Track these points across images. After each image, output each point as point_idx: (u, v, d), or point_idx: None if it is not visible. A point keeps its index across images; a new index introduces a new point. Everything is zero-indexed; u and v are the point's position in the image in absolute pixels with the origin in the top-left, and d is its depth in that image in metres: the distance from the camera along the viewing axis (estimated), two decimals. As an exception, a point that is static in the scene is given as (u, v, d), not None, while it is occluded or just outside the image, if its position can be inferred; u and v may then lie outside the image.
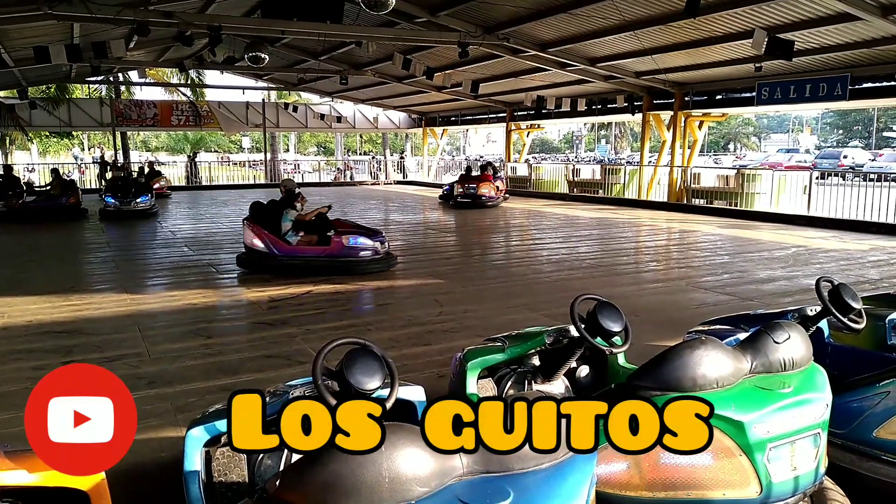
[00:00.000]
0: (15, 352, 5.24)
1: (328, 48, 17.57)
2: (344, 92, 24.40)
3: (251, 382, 4.48)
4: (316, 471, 1.57)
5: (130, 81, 26.39)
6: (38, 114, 23.57)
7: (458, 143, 59.28)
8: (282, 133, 36.20)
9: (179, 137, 46.28)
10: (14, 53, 14.47)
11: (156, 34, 12.29)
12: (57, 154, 44.87)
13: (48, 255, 10.32)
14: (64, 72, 20.28)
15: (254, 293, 7.35)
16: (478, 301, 6.88)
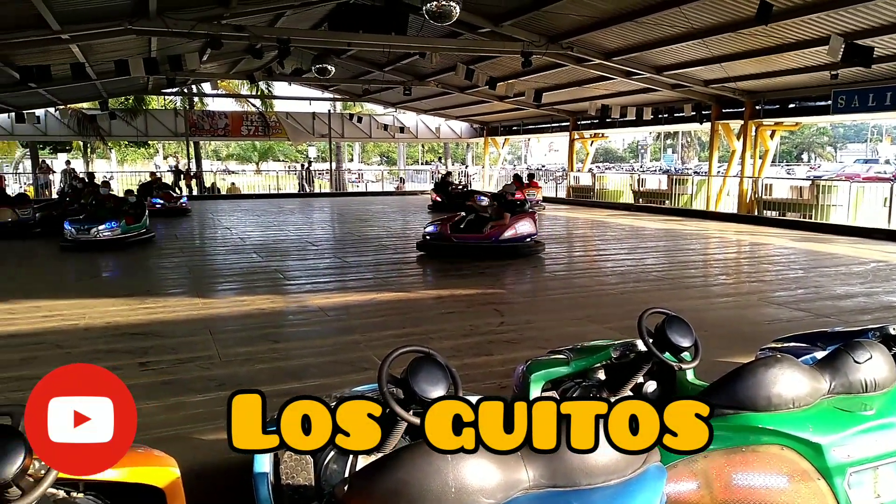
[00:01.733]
0: (95, 352, 5.49)
1: (392, 59, 17.84)
2: (407, 102, 24.71)
3: (317, 387, 4.56)
4: (383, 477, 1.59)
5: (203, 93, 27.42)
6: (117, 124, 24.78)
7: (520, 152, 59.06)
8: (346, 143, 36.87)
9: (248, 147, 47.84)
10: (97, 67, 15.26)
11: (228, 47, 12.76)
12: (133, 162, 46.99)
13: (123, 259, 10.78)
14: (141, 84, 21.25)
15: (319, 300, 7.49)
16: (539, 312, 6.83)
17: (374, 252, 11.25)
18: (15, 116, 21.39)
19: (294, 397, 1.56)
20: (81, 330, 6.20)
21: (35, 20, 10.30)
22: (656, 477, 1.80)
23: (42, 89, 17.71)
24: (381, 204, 22.26)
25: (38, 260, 10.94)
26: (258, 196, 26.65)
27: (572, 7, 12.00)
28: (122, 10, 10.98)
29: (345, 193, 28.13)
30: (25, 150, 32.88)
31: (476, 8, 12.74)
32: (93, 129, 24.71)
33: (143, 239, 12.38)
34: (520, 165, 46.58)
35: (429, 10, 9.79)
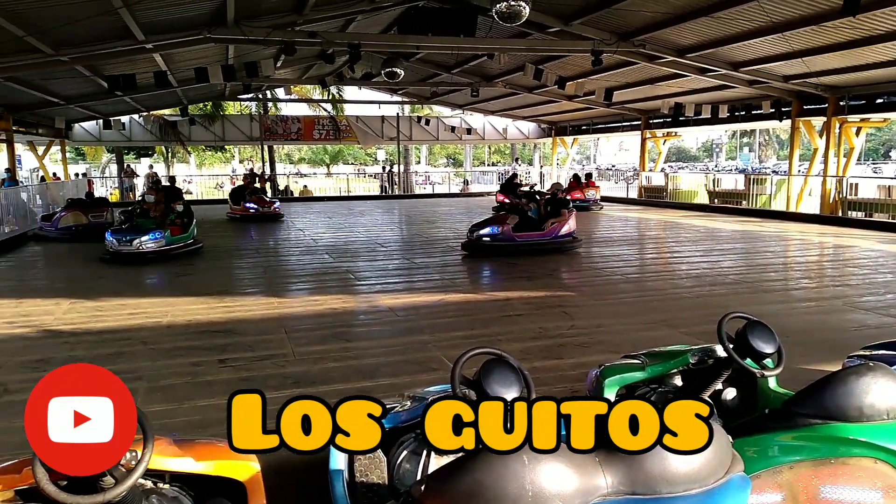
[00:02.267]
0: (177, 349, 5.73)
1: (460, 61, 17.90)
2: (475, 104, 24.73)
3: (388, 387, 4.62)
4: (460, 479, 1.60)
5: (277, 98, 28.23)
6: (196, 129, 25.82)
7: (589, 152, 58.20)
8: (414, 145, 37.25)
9: (319, 150, 48.95)
10: (178, 74, 15.93)
11: (300, 53, 13.10)
12: (211, 166, 48.80)
13: (202, 259, 11.20)
14: (219, 90, 22.05)
15: (389, 300, 7.59)
16: (611, 316, 6.71)
17: (441, 253, 11.31)
18: (103, 123, 22.56)
19: (294, 397, 1.56)
20: (164, 327, 6.48)
21: (122, 31, 10.85)
22: (740, 487, 1.74)
23: (127, 97, 18.62)
24: (447, 205, 22.36)
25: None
26: (330, 198, 27.20)
27: (645, 4, 11.74)
28: (202, 19, 11.43)
29: (412, 195, 28.40)
30: (111, 154, 34.70)
31: (545, 7, 12.62)
32: (174, 135, 25.82)
33: (191, 250, 11.43)
34: (588, 165, 45.88)
35: (498, 10, 9.76)
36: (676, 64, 14.86)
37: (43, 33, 10.00)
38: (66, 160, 24.70)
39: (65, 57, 11.45)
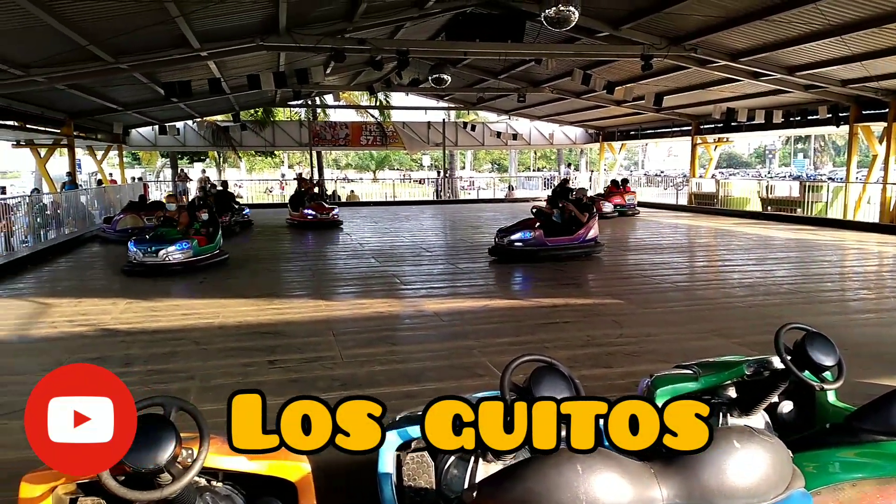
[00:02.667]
0: (228, 349, 5.85)
1: (507, 67, 17.87)
2: (521, 109, 24.66)
3: (433, 391, 4.63)
4: (512, 487, 1.58)
5: (326, 104, 28.66)
6: (247, 135, 26.39)
7: (636, 158, 57.42)
8: (459, 151, 37.32)
9: (366, 156, 49.50)
10: (230, 82, 16.32)
11: (349, 60, 13.27)
12: (261, 171, 49.81)
13: (253, 262, 11.42)
14: (269, 97, 22.50)
15: (434, 305, 7.60)
16: (661, 324, 6.58)
17: (485, 259, 11.28)
18: (158, 129, 23.25)
19: (293, 397, 1.55)
20: (216, 328, 6.63)
21: (178, 40, 11.17)
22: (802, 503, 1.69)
23: (182, 103, 19.14)
24: (491, 211, 22.31)
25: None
26: (377, 203, 27.46)
27: (697, 7, 11.53)
28: (254, 27, 11.69)
29: (457, 201, 28.44)
30: (165, 159, 35.70)
31: (594, 12, 12.51)
32: (226, 140, 26.46)
33: (217, 262, 10.67)
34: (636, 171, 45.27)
35: (547, 16, 9.72)
36: (729, 68, 14.54)
37: (104, 42, 10.37)
38: (123, 164, 25.54)
39: (124, 65, 11.84)
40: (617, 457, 1.64)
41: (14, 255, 11.31)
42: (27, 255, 11.51)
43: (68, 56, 10.71)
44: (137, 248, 10.07)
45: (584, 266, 10.48)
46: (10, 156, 31.08)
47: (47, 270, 10.82)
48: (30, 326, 6.83)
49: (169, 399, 2.06)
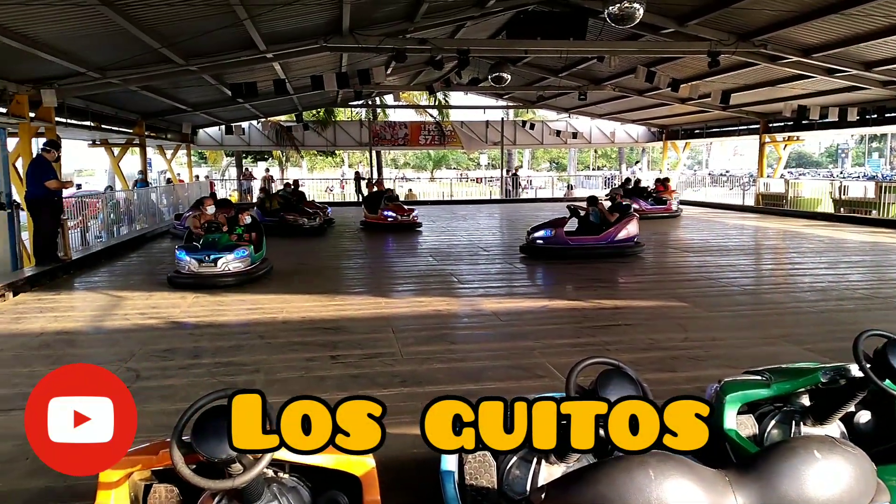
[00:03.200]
0: (292, 343, 5.97)
1: (568, 65, 17.66)
2: (581, 107, 24.35)
3: (494, 391, 4.62)
4: (582, 490, 1.56)
5: (385, 104, 28.96)
6: (309, 135, 26.92)
7: (700, 157, 55.95)
8: (517, 149, 37.14)
9: (423, 155, 49.82)
10: (294, 82, 16.66)
11: (410, 60, 13.33)
12: (322, 170, 50.73)
13: (315, 259, 11.64)
14: (331, 97, 22.86)
15: (492, 304, 7.58)
16: (727, 329, 6.40)
17: (544, 258, 11.18)
18: (225, 129, 23.96)
19: (293, 397, 1.54)
20: (280, 323, 6.78)
21: (246, 42, 11.47)
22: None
23: (248, 104, 19.66)
24: (549, 210, 22.05)
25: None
26: (434, 202, 27.58)
27: (768, 2, 11.12)
28: (318, 29, 11.90)
29: (515, 200, 28.30)
30: (231, 158, 36.73)
31: (659, 8, 12.23)
32: (288, 140, 27.05)
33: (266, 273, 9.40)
34: (700, 170, 44.12)
35: (611, 13, 9.55)
36: (801, 65, 14.00)
37: (175, 45, 10.73)
38: (191, 163, 26.41)
39: (194, 67, 12.23)
40: (691, 463, 1.59)
41: (89, 250, 11.84)
42: (101, 249, 12.03)
43: (142, 59, 11.13)
44: (190, 257, 8.64)
45: (644, 267, 10.28)
46: (86, 155, 32.60)
47: (120, 265, 11.28)
48: (104, 318, 7.14)
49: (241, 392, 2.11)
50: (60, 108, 12.41)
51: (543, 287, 8.81)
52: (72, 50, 10.01)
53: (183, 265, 8.72)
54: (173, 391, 4.73)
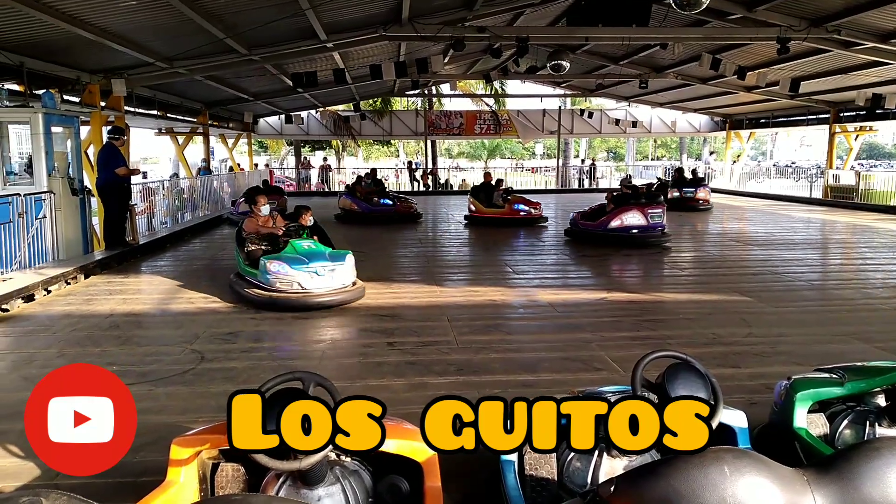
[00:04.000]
0: (350, 329, 6.05)
1: (629, 52, 17.28)
2: (641, 96, 23.82)
3: (550, 382, 4.58)
4: (655, 484, 1.53)
5: (442, 94, 28.95)
6: (366, 124, 27.15)
7: (764, 147, 54.07)
8: (574, 139, 36.62)
9: (477, 145, 49.64)
10: (352, 72, 16.81)
11: (468, 48, 13.27)
12: (377, 159, 51.15)
13: (374, 247, 11.74)
14: (388, 86, 22.99)
15: (548, 295, 7.51)
16: (793, 325, 6.17)
17: (600, 250, 11.02)
18: (284, 118, 24.39)
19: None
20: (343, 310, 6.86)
21: (307, 32, 11.63)
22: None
23: (307, 93, 19.96)
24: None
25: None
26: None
27: (843, -16, 10.65)
28: (378, 18, 11.97)
29: (570, 189, 27.95)
30: (290, 147, 37.40)
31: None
32: (346, 129, 27.35)
33: None
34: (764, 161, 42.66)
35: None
36: (877, 51, 13.33)
37: (240, 35, 10.97)
38: (251, 152, 26.99)
39: (256, 56, 12.48)
40: (767, 460, 1.54)
41: (155, 235, 12.25)
42: (166, 235, 12.44)
43: (207, 49, 11.42)
44: (296, 270, 6.65)
45: (706, 261, 10.01)
46: (151, 143, 33.69)
47: (184, 249, 11.64)
48: (170, 301, 7.37)
49: (308, 374, 2.15)
50: (129, 98, 12.85)
51: (600, 279, 8.67)
52: (141, 40, 10.33)
53: (278, 281, 6.66)
54: (236, 373, 4.86)
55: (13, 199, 8.22)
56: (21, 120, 9.31)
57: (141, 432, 3.78)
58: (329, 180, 28.34)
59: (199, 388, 4.57)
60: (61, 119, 9.66)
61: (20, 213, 8.24)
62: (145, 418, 4.05)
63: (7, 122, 9.32)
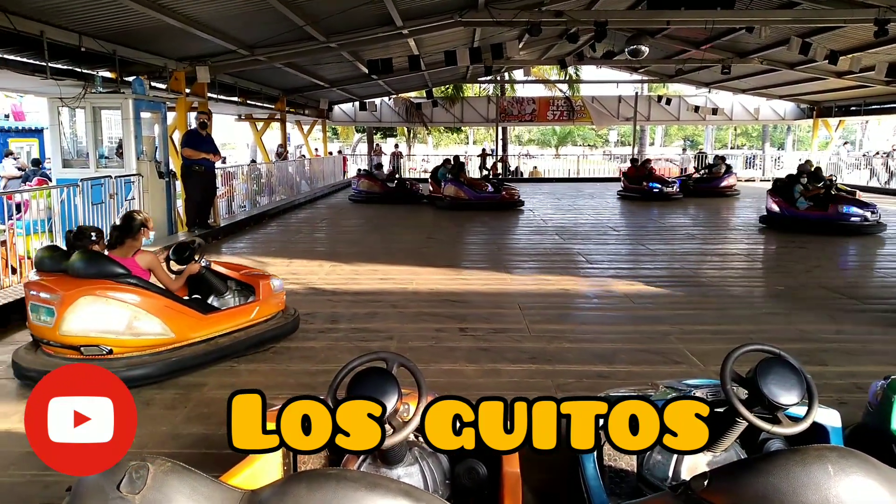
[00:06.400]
0: (422, 314, 6.11)
1: (712, 36, 16.63)
2: (723, 82, 22.89)
3: (626, 373, 4.50)
4: (753, 480, 1.47)
5: (514, 80, 28.65)
6: (437, 111, 27.16)
7: (853, 136, 51.22)
8: (650, 126, 35.65)
9: (548, 132, 49.02)
10: (427, 59, 16.83)
11: (544, 33, 13.04)
12: (446, 146, 51.24)
13: (443, 232, 11.80)
14: (461, 73, 22.94)
15: (623, 286, 7.37)
16: (887, 323, 5.84)
17: (679, 241, 10.72)
18: (358, 105, 24.72)
19: (293, 397, 1.53)
20: (410, 293, 6.94)
21: (384, 18, 11.71)
22: None
23: (381, 80, 20.13)
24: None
25: (383, 227, 12.52)
26: (560, 179, 27.19)
27: (952, -40, 9.91)
28: (453, 4, 11.92)
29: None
30: (361, 134, 37.93)
31: (819, -27, 11.23)
32: (417, 116, 27.48)
33: None
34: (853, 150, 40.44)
35: (765, -22, 8.86)
36: None
37: (318, 23, 11.14)
38: (326, 139, 27.50)
39: (333, 43, 12.66)
40: (874, 461, 1.46)
41: (234, 218, 12.67)
42: (245, 218, 12.84)
43: (286, 37, 11.66)
44: None
45: (790, 254, 9.57)
46: (229, 128, 34.75)
47: (262, 233, 12.00)
48: (250, 281, 7.60)
49: (392, 355, 2.17)
50: (212, 85, 13.28)
51: (680, 270, 8.42)
52: (224, 28, 10.64)
53: None
54: (313, 353, 4.98)
55: (105, 181, 8.65)
56: (113, 105, 9.79)
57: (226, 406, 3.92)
58: (401, 167, 28.57)
59: (279, 366, 4.71)
60: (149, 105, 10.10)
61: (111, 195, 8.68)
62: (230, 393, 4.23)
63: (100, 108, 9.81)
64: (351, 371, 2.10)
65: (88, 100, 9.52)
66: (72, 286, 4.15)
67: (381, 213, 14.77)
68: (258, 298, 5.03)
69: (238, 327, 4.85)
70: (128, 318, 4.23)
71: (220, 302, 5.17)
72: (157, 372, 4.29)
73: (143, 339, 4.30)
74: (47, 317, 4.18)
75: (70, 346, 4.19)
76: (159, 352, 4.36)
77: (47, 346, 4.30)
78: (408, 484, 1.42)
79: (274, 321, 5.14)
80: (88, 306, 4.14)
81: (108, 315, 4.18)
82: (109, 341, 4.20)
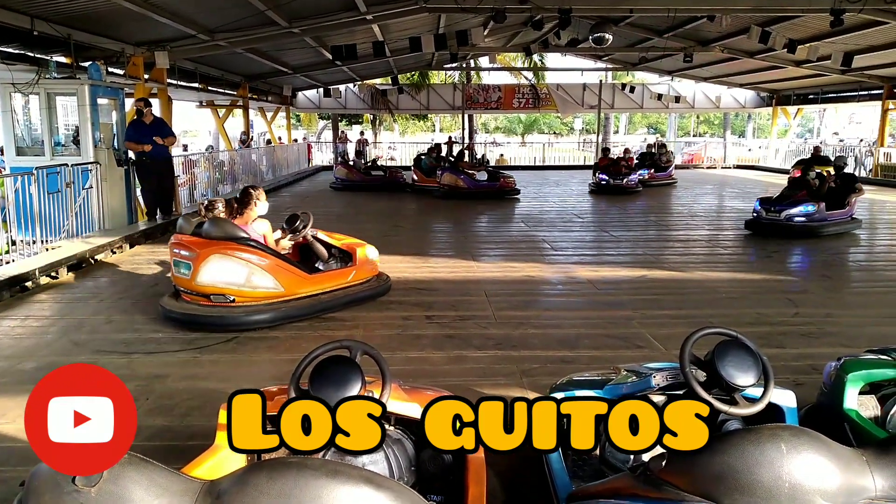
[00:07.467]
0: (388, 301, 6.10)
1: (674, 24, 16.82)
2: (685, 70, 23.20)
3: (589, 358, 4.56)
4: (709, 460, 1.51)
5: (480, 67, 28.59)
6: (403, 98, 26.98)
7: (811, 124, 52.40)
8: (615, 114, 35.98)
9: (514, 119, 49.16)
10: (391, 45, 16.69)
11: (509, 20, 13.04)
12: (413, 134, 51.03)
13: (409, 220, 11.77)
14: (426, 60, 22.82)
15: (587, 272, 7.45)
16: (842, 306, 6.03)
17: (641, 228, 10.88)
18: (323, 91, 24.43)
19: (293, 397, 1.57)
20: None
21: (348, 4, 11.58)
22: None
23: (346, 67, 19.93)
24: (648, 178, 21.38)
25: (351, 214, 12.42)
26: (526, 167, 27.31)
27: (904, -48, 10.17)
28: (418, -11, 11.85)
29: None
30: (325, 122, 37.53)
31: (778, -38, 11.42)
32: (383, 103, 27.27)
33: None
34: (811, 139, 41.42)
35: (725, -33, 8.98)
36: (938, 22, 12.75)
37: (280, 7, 10.97)
38: (290, 126, 27.15)
39: (296, 29, 12.48)
40: (825, 438, 1.51)
41: (196, 207, 12.42)
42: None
43: (248, 21, 11.45)
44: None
45: (749, 239, 9.78)
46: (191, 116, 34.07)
47: (226, 221, 11.79)
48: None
49: (356, 343, 2.16)
50: (171, 70, 12.99)
51: (642, 256, 8.56)
52: (184, 12, 10.41)
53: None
54: (277, 342, 4.94)
55: (61, 169, 8.42)
56: (68, 91, 9.50)
57: (188, 397, 3.86)
58: (366, 155, 28.37)
59: (242, 357, 4.66)
60: (107, 91, 9.83)
61: (68, 184, 8.45)
62: (192, 384, 4.20)
63: (55, 94, 9.51)
64: (314, 360, 2.09)
65: (42, 85, 9.22)
66: (205, 246, 5.17)
67: (357, 202, 14.63)
68: (355, 264, 5.96)
69: (337, 287, 5.77)
70: (246, 273, 5.17)
71: (324, 266, 6.01)
72: (271, 319, 5.23)
73: (259, 291, 5.23)
74: (186, 270, 5.18)
75: (202, 294, 5.16)
76: (272, 303, 5.28)
77: (186, 295, 5.30)
78: (370, 471, 1.42)
79: (368, 284, 6.07)
80: (217, 262, 5.10)
81: (232, 270, 5.13)
82: (233, 291, 5.15)
